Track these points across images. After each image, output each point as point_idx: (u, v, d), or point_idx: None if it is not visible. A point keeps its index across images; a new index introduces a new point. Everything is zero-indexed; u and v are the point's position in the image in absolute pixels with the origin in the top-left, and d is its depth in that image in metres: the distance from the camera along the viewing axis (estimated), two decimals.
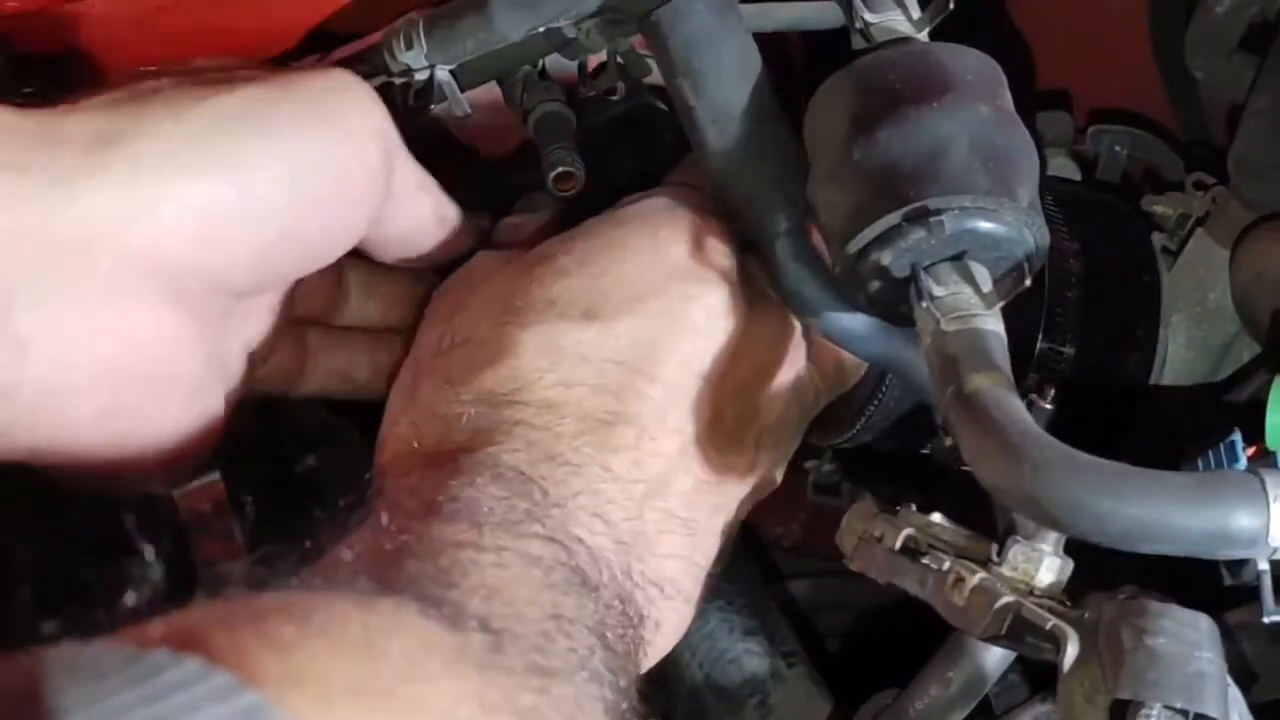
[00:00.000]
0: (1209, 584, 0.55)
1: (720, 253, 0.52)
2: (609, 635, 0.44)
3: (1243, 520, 0.40)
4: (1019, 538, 0.49)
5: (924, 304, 0.45)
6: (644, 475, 0.49)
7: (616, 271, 0.51)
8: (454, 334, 0.51)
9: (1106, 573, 0.47)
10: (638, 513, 0.49)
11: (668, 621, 0.51)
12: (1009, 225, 0.46)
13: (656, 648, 0.51)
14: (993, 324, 0.45)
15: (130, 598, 0.38)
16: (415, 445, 0.49)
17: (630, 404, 0.49)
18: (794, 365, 0.54)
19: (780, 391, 0.54)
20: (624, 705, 0.42)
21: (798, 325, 0.54)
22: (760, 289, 0.53)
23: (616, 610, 0.46)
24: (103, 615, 0.34)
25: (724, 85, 0.51)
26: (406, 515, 0.43)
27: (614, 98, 0.62)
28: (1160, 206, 0.69)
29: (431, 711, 0.34)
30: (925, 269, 0.46)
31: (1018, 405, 0.43)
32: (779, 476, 0.57)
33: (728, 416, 0.52)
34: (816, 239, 0.51)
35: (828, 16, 0.61)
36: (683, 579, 0.51)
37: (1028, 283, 0.46)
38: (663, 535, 0.50)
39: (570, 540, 0.46)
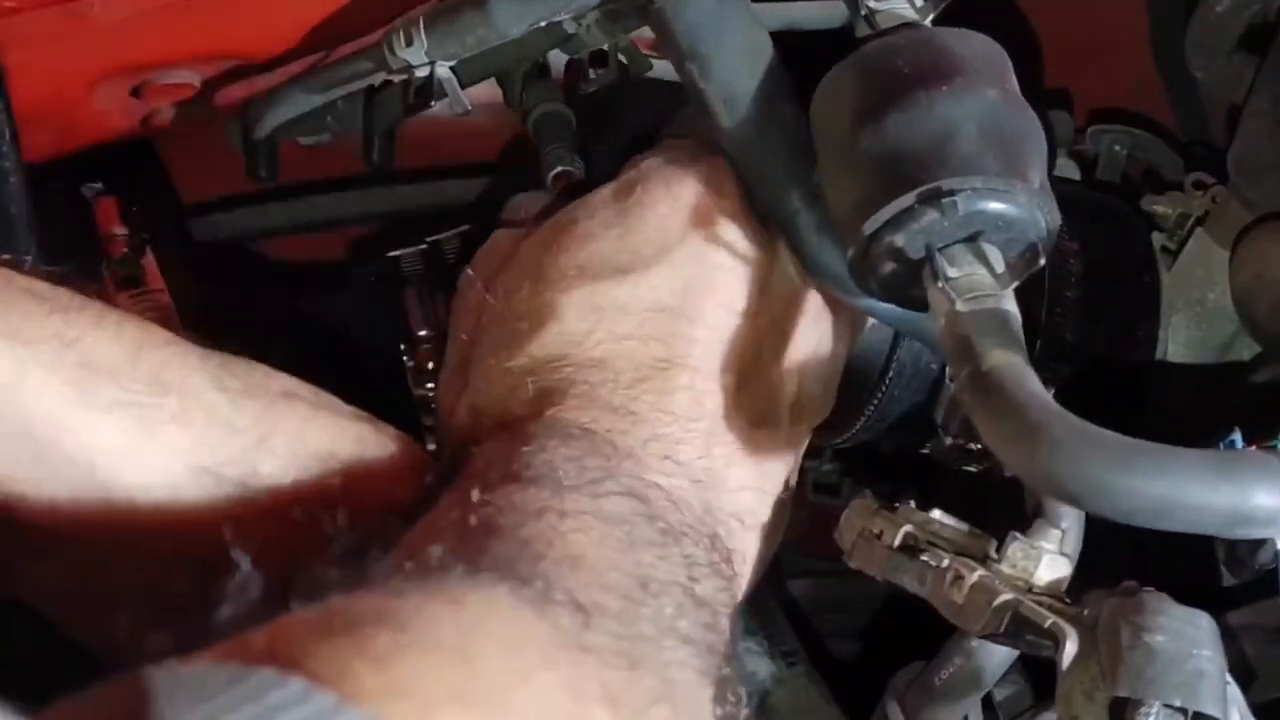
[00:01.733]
0: (1209, 582, 0.55)
1: (731, 196, 0.53)
2: (697, 589, 0.44)
3: (1261, 499, 0.39)
4: (1017, 535, 0.49)
5: (939, 284, 0.45)
6: (705, 413, 0.50)
7: (639, 228, 0.52)
8: (490, 312, 0.52)
9: (1106, 570, 0.47)
10: (706, 449, 0.50)
11: (752, 552, 0.52)
12: (1021, 206, 0.46)
13: (745, 578, 0.51)
14: (1008, 304, 0.45)
15: (226, 610, 0.38)
16: (480, 424, 0.50)
17: (677, 348, 0.50)
18: (818, 298, 0.54)
19: (811, 322, 0.54)
20: (715, 662, 0.42)
21: None
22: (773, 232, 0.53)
23: (704, 550, 0.46)
24: (202, 626, 0.35)
25: (731, 66, 0.51)
26: (487, 486, 0.44)
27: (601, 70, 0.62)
28: (1160, 206, 0.69)
29: (528, 709, 0.35)
30: (939, 250, 0.46)
31: (1036, 382, 0.42)
32: (825, 411, 0.56)
33: (768, 351, 0.53)
34: None
35: (828, 15, 0.61)
36: (759, 509, 0.52)
37: (1041, 263, 0.46)
38: (732, 469, 0.51)
39: (647, 487, 0.46)
